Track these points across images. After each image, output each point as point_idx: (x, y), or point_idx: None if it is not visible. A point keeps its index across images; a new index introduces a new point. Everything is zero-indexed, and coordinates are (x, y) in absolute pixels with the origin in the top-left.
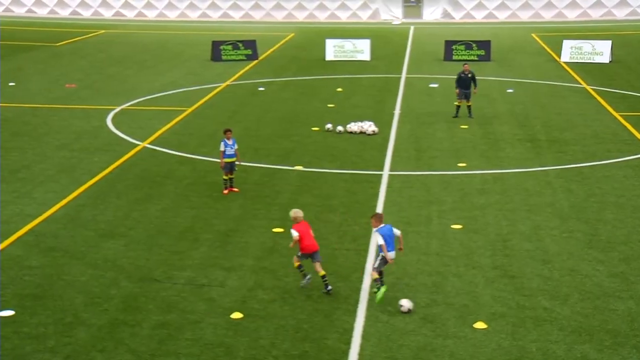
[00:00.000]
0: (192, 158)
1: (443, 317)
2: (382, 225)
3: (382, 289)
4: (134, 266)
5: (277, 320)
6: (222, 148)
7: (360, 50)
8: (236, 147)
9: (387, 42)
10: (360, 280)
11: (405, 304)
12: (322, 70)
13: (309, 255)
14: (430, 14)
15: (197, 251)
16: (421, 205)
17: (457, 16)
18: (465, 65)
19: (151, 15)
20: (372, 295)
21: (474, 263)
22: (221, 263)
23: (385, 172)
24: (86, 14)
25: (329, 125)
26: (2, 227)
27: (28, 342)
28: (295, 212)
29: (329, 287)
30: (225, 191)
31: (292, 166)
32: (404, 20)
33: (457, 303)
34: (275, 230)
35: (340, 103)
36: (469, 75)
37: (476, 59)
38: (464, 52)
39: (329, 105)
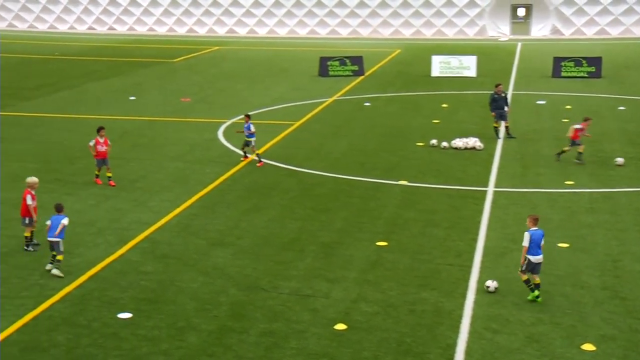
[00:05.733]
0: (298, 171)
1: (549, 337)
2: (536, 228)
3: (534, 293)
4: (241, 275)
5: (380, 333)
6: (243, 129)
7: (467, 66)
8: (252, 130)
9: (493, 58)
10: (463, 296)
11: (491, 284)
12: (427, 86)
13: None
14: (539, 30)
15: (302, 262)
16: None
17: (567, 32)
18: (499, 86)
19: (262, 32)
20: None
21: (581, 283)
22: (325, 274)
23: (490, 189)
24: (201, 31)
25: (434, 141)
26: (121, 233)
27: (144, 344)
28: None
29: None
30: (242, 159)
31: (397, 180)
32: (512, 37)
33: (564, 323)
34: (379, 243)
35: (445, 119)
36: (503, 96)
37: (586, 75)
38: (573, 69)
39: (434, 121)
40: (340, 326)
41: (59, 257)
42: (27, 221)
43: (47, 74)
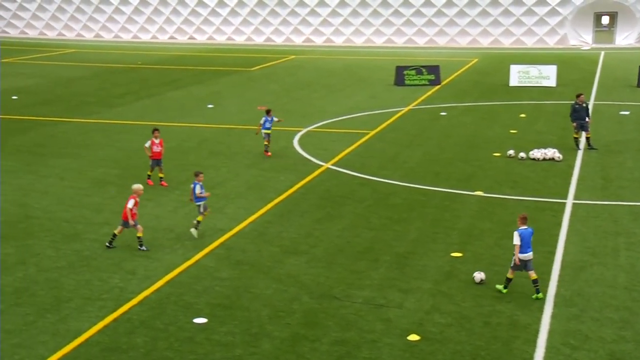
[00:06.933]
0: (372, 180)
1: (633, 356)
2: (525, 227)
3: (539, 295)
4: (314, 283)
5: (453, 345)
6: (261, 121)
7: (546, 76)
8: (276, 119)
9: (574, 68)
10: (540, 309)
11: (478, 276)
12: (505, 96)
13: None
14: (624, 38)
15: (375, 271)
16: (607, 236)
17: None
18: (581, 96)
19: (338, 41)
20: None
21: None
22: (399, 284)
23: (569, 201)
24: (279, 40)
25: (511, 151)
26: (198, 239)
27: (218, 349)
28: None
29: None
30: (268, 153)
31: (473, 191)
32: (594, 46)
33: None
34: (454, 254)
35: (523, 129)
36: (584, 106)
37: None
38: None
39: (511, 131)
40: (414, 337)
41: (199, 218)
42: (131, 223)
43: (130, 83)
